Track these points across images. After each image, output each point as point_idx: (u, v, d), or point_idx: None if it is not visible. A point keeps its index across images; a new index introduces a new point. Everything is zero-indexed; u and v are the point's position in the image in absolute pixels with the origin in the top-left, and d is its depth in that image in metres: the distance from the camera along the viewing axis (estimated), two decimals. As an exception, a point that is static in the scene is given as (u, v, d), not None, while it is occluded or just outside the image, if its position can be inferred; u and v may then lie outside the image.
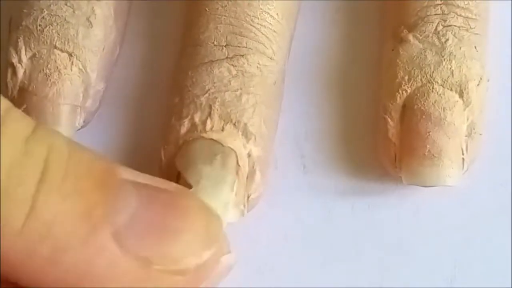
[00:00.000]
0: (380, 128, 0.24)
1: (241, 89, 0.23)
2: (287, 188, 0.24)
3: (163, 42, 0.26)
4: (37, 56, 0.24)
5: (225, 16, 0.23)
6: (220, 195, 0.21)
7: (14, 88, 0.24)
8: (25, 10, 0.24)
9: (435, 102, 0.23)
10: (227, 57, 0.23)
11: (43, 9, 0.24)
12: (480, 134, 0.23)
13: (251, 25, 0.23)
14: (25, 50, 0.24)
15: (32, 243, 0.16)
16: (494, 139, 0.24)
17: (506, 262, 0.23)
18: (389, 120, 0.23)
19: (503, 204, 0.24)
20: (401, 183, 0.23)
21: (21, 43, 0.24)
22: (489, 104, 0.24)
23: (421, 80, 0.23)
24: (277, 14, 0.24)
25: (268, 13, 0.23)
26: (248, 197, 0.22)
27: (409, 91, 0.23)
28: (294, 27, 0.25)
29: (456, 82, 0.23)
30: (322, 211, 0.24)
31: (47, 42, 0.24)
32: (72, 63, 0.24)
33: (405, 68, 0.23)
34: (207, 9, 0.23)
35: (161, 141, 0.23)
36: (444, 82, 0.23)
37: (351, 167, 0.24)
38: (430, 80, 0.23)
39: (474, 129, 0.23)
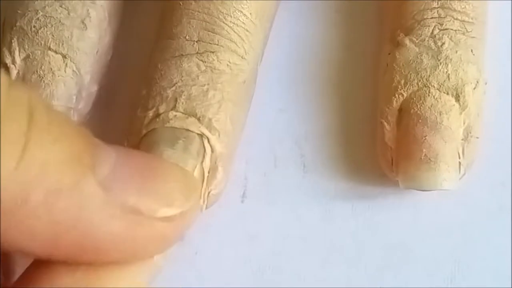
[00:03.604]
0: (378, 132, 0.24)
1: (208, 84, 0.22)
2: (287, 188, 0.24)
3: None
4: (31, 57, 0.23)
5: (198, 12, 0.23)
6: None
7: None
8: (19, 11, 0.24)
9: (431, 106, 0.22)
10: (197, 52, 0.23)
11: (37, 10, 0.23)
12: (477, 138, 0.23)
13: (223, 22, 0.23)
14: (19, 51, 0.23)
15: (27, 185, 0.15)
16: (494, 139, 0.24)
17: (506, 262, 0.23)
18: (385, 124, 0.23)
19: (503, 204, 0.24)
20: (401, 183, 0.23)
21: (15, 44, 0.23)
22: (489, 104, 0.24)
23: (417, 84, 0.23)
24: (250, 13, 0.23)
25: (241, 12, 0.23)
26: (209, 193, 0.22)
27: (405, 95, 0.23)
28: (270, 28, 0.25)
29: (453, 85, 0.23)
30: (322, 211, 0.24)
31: (41, 44, 0.23)
32: (66, 65, 0.23)
33: (401, 72, 0.23)
34: (181, 3, 0.23)
35: (126, 133, 0.23)
36: (440, 86, 0.23)
37: (351, 167, 0.24)
38: (427, 84, 0.23)
39: (470, 132, 0.23)
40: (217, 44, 0.23)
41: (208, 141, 0.22)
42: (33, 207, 0.15)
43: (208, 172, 0.22)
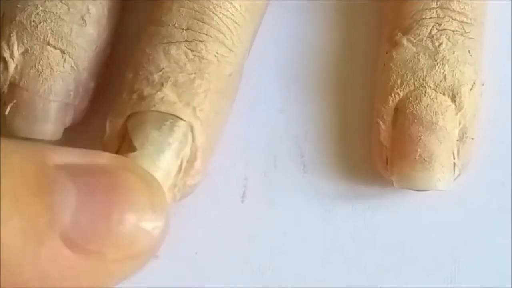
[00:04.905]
0: (373, 131, 0.24)
1: (195, 73, 0.22)
2: (287, 188, 0.24)
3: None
4: (29, 51, 0.23)
5: (188, 0, 0.23)
6: (164, 161, 0.21)
7: (4, 82, 0.23)
8: (19, 5, 0.23)
9: (427, 106, 0.23)
10: (186, 40, 0.23)
11: (37, 5, 0.23)
12: (472, 139, 0.23)
13: (213, 13, 0.23)
14: (18, 45, 0.23)
15: None
16: (494, 139, 0.24)
17: (506, 262, 0.23)
18: (381, 123, 0.23)
19: (503, 204, 0.24)
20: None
21: (13, 38, 0.23)
22: (489, 104, 0.24)
23: (413, 83, 0.23)
24: (240, 5, 0.23)
25: (231, 4, 0.23)
26: (184, 183, 0.22)
27: (401, 94, 0.23)
28: (259, 23, 0.25)
29: (449, 86, 0.23)
30: (322, 211, 0.24)
31: (40, 38, 0.23)
32: (64, 61, 0.23)
33: (398, 72, 0.23)
34: None
35: (109, 115, 0.23)
36: (436, 86, 0.23)
37: (351, 167, 0.24)
38: (423, 84, 0.23)
39: (466, 133, 0.23)
40: (206, 34, 0.23)
41: (191, 130, 0.22)
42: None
43: (186, 162, 0.22)
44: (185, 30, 0.23)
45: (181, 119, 0.22)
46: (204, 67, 0.22)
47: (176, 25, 0.23)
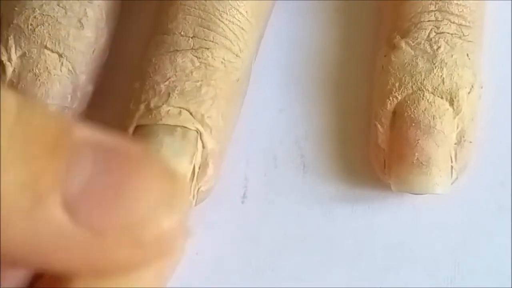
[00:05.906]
0: (371, 134, 0.24)
1: (202, 80, 0.22)
2: (287, 188, 0.24)
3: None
4: (27, 55, 0.23)
5: (194, 8, 0.23)
6: (180, 166, 0.21)
7: (2, 85, 0.23)
8: (16, 8, 0.23)
9: (425, 109, 0.22)
10: (192, 48, 0.23)
11: (35, 8, 0.23)
12: (470, 142, 0.23)
13: (219, 20, 0.23)
14: (15, 49, 0.23)
15: None
16: (493, 139, 0.24)
17: (506, 262, 0.23)
18: (379, 126, 0.23)
19: (502, 204, 0.24)
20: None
21: (11, 41, 0.23)
22: (488, 105, 0.24)
23: (411, 87, 0.23)
24: (246, 11, 0.23)
25: (238, 10, 0.23)
26: (198, 189, 0.22)
27: (399, 98, 0.23)
28: (265, 27, 0.25)
29: (447, 90, 0.23)
30: (322, 211, 0.24)
31: (37, 42, 0.23)
32: (62, 64, 0.23)
33: (396, 75, 0.23)
34: None
35: (119, 126, 0.23)
36: (434, 89, 0.23)
37: (351, 167, 0.24)
38: (421, 87, 0.23)
39: (463, 137, 0.23)
40: (212, 41, 0.23)
41: (200, 137, 0.22)
42: None
43: (199, 168, 0.22)
44: (191, 38, 0.23)
45: (189, 128, 0.22)
46: (210, 73, 0.23)
47: (182, 33, 0.23)
